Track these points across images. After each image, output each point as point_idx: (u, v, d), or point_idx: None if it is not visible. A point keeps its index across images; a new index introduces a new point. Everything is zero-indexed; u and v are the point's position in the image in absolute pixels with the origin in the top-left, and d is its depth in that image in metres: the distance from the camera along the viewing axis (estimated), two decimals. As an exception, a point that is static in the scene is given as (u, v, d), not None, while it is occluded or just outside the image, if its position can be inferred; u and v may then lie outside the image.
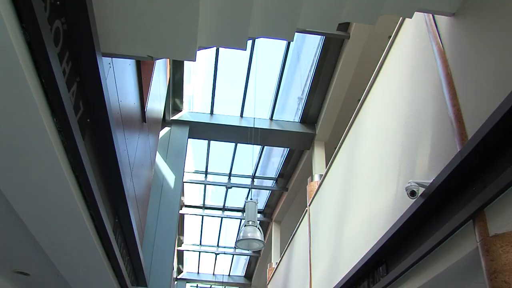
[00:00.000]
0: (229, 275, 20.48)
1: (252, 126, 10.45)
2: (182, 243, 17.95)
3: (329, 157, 8.70)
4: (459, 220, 3.94)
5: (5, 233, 4.87)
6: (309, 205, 9.76)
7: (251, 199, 8.00)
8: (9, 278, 6.40)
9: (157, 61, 7.35)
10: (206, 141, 12.25)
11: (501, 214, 3.56)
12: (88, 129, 3.98)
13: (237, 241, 7.91)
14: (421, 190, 4.42)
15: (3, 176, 3.58)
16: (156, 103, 8.15)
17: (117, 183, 4.98)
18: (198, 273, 20.62)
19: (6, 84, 2.73)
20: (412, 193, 4.40)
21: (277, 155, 13.43)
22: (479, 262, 3.73)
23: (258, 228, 7.77)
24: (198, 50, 4.15)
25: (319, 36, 9.17)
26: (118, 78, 4.79)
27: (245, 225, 7.77)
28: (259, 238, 7.74)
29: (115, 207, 5.45)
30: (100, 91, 3.79)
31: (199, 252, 18.86)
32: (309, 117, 10.95)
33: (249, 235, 7.67)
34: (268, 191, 14.57)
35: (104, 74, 3.83)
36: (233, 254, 18.77)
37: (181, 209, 14.73)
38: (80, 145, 3.50)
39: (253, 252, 17.81)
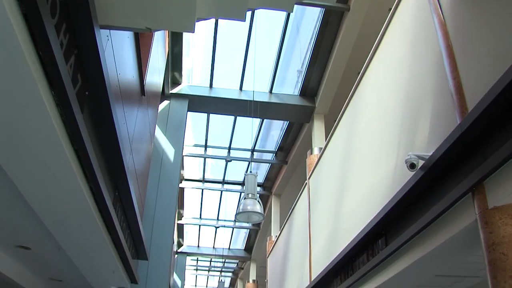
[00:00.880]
0: (229, 248, 20.61)
1: (252, 99, 10.41)
2: (182, 216, 18.03)
3: (329, 130, 8.68)
4: (458, 192, 3.95)
5: (5, 208, 4.88)
6: (309, 178, 9.78)
7: (250, 172, 8.01)
8: (10, 252, 6.44)
9: (155, 34, 7.29)
10: (206, 114, 12.23)
11: (500, 187, 3.56)
12: (86, 103, 3.96)
13: (236, 214, 7.94)
14: (421, 162, 4.41)
15: (2, 150, 3.57)
16: (155, 76, 8.11)
17: (116, 157, 4.98)
18: (198, 246, 20.74)
19: (2, 57, 2.70)
20: (412, 166, 4.39)
21: (276, 128, 13.42)
22: (478, 234, 3.74)
23: (258, 201, 7.79)
24: (197, 21, 4.11)
25: (319, 9, 9.09)
26: (117, 51, 4.76)
27: (244, 198, 7.78)
28: (259, 211, 7.76)
29: (115, 181, 5.45)
30: (98, 63, 3.76)
31: (199, 225, 18.95)
32: (308, 90, 10.91)
33: (249, 207, 7.69)
34: (267, 164, 14.59)
35: (102, 46, 3.79)
36: (233, 228, 18.86)
37: (181, 182, 14.76)
38: (78, 118, 3.48)
39: (253, 225, 17.90)
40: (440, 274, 7.11)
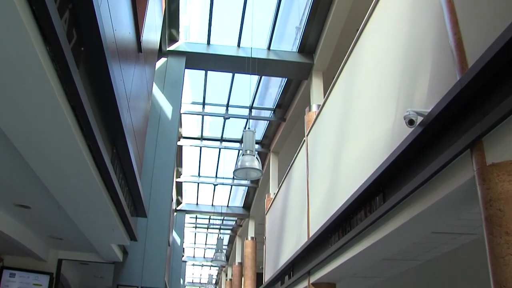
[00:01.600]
0: (227, 206, 20.73)
1: (250, 56, 10.31)
2: (181, 174, 18.08)
3: (327, 87, 8.63)
4: (456, 149, 3.94)
5: (4, 167, 4.88)
6: (307, 135, 9.77)
7: (248, 128, 7.98)
8: (10, 212, 6.48)
9: (152, -11, 7.17)
10: (203, 71, 12.13)
11: (499, 144, 3.56)
12: (82, 59, 3.91)
13: (235, 170, 7.95)
14: (420, 119, 4.40)
15: (-2, 108, 3.55)
16: (152, 33, 8.01)
17: (114, 114, 4.94)
18: (197, 204, 20.86)
19: (-5, 11, 2.65)
20: (411, 122, 4.38)
21: (274, 86, 13.34)
22: (475, 191, 3.76)
23: (256, 157, 7.79)
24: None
25: (318, -37, 8.93)
26: (112, 7, 4.67)
27: (242, 155, 7.78)
28: (257, 167, 7.77)
29: (113, 138, 5.44)
30: (94, 18, 3.69)
31: (198, 183, 19.02)
32: (307, 46, 10.80)
33: (247, 164, 7.69)
34: (265, 122, 14.56)
35: (98, 1, 3.72)
36: (232, 185, 18.95)
37: (179, 140, 14.75)
38: (74, 74, 3.44)
39: (251, 182, 17.97)
40: (436, 231, 7.18)
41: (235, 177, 8.15)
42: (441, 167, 4.20)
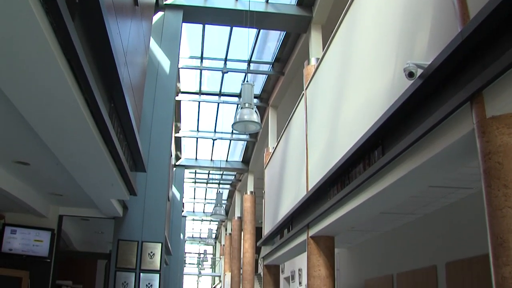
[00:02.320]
0: (226, 160, 20.78)
1: (248, 8, 10.16)
2: (180, 129, 18.06)
3: (326, 40, 8.54)
4: (456, 102, 3.93)
5: (2, 124, 4.86)
6: (306, 89, 9.72)
7: (247, 81, 7.92)
8: (10, 169, 6.48)
9: None
10: (201, 25, 11.97)
11: (499, 97, 3.54)
12: (77, 11, 3.83)
13: (234, 123, 7.94)
14: (420, 71, 4.36)
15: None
16: (148, -15, 7.87)
17: (111, 68, 4.88)
18: (196, 159, 20.91)
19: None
20: (410, 74, 4.34)
21: (273, 40, 13.19)
22: (474, 144, 3.76)
23: (255, 110, 7.77)
24: None
25: None
26: (107, -42, 4.57)
27: (241, 108, 7.75)
28: (256, 120, 7.75)
29: (110, 93, 5.39)
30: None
31: (197, 138, 19.02)
32: (306, -1, 10.65)
33: (246, 117, 7.66)
34: (264, 76, 14.47)
35: (91, -49, 3.63)
36: (230, 140, 18.95)
37: (177, 95, 14.68)
38: (70, 26, 3.38)
39: (250, 137, 17.98)
40: (434, 185, 7.21)
41: (234, 130, 8.14)
42: (440, 120, 4.18)
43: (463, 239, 8.33)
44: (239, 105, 14.23)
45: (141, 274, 8.53)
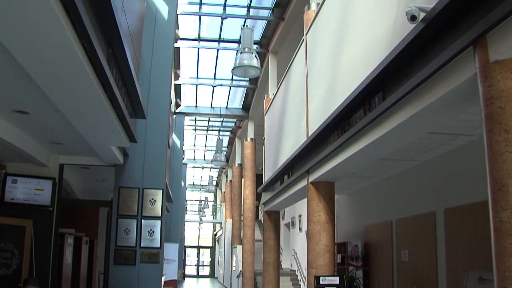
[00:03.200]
0: (226, 107, 20.72)
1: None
2: (179, 76, 17.93)
3: (327, -15, 8.37)
4: (459, 46, 3.88)
5: (0, 73, 4.81)
6: (306, 34, 9.59)
7: (246, 25, 7.83)
8: (9, 118, 6.46)
9: None
10: (199, -31, 11.75)
11: (503, 41, 3.51)
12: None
13: (233, 68, 7.89)
14: (422, 15, 4.29)
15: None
16: None
17: (108, 13, 4.79)
18: (196, 106, 20.85)
19: None
20: (413, 18, 4.27)
21: (273, -16, 12.96)
22: (477, 88, 3.73)
23: (255, 55, 7.70)
24: None
25: None
26: None
27: (241, 52, 7.68)
28: (255, 65, 7.70)
29: (108, 39, 5.31)
30: None
31: (196, 85, 18.92)
32: None
33: (245, 62, 7.61)
34: (264, 21, 14.26)
35: None
36: (230, 86, 18.85)
37: (176, 42, 14.51)
38: (64, -30, 3.30)
39: (250, 83, 17.89)
40: (434, 131, 7.21)
41: (233, 75, 8.09)
42: (442, 64, 4.14)
43: (462, 186, 8.39)
44: (238, 51, 14.10)
45: (142, 220, 8.63)
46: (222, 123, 24.24)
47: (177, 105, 20.03)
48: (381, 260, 11.66)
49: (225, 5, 13.13)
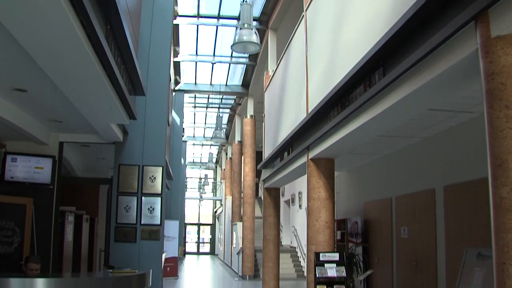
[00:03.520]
0: (226, 84, 20.67)
1: None
2: (178, 54, 17.85)
3: (327, -40, 8.29)
4: (461, 21, 3.85)
5: (-1, 52, 4.78)
6: (306, 10, 9.53)
7: (245, 1, 7.77)
8: (8, 96, 6.44)
9: None
10: None
11: (504, 16, 3.49)
12: None
13: (233, 44, 7.86)
14: (423, -11, 4.25)
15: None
16: None
17: (105, -11, 4.75)
18: (195, 83, 20.79)
19: None
20: (414, -7, 4.24)
21: (272, -41, 12.83)
22: (478, 64, 3.72)
23: (254, 31, 7.66)
24: None
25: None
26: None
27: (240, 28, 7.64)
28: (255, 41, 7.66)
29: (106, 15, 5.26)
30: None
31: (196, 62, 18.85)
32: None
33: (245, 38, 7.58)
34: (263, -3, 14.18)
35: None
36: (230, 63, 18.78)
37: (175, 19, 14.40)
38: None
39: (250, 60, 17.82)
40: (434, 108, 7.19)
41: (233, 51, 8.07)
42: (444, 40, 4.12)
43: (462, 163, 8.40)
44: (238, 27, 14.02)
45: (142, 198, 8.65)
46: (221, 100, 24.18)
47: (177, 83, 19.97)
48: (381, 236, 11.72)
49: (224, -19, 13.03)
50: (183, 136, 24.41)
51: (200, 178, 42.33)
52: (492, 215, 3.45)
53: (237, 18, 14.93)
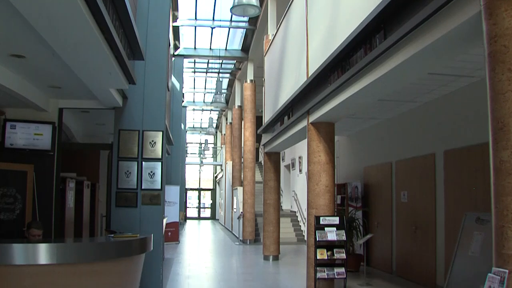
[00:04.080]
0: (225, 49, 20.52)
1: None
2: (177, 18, 17.68)
3: None
4: (464, -18, 3.80)
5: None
6: (306, -27, 9.41)
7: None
8: (6, 63, 6.39)
9: None
10: None
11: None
12: None
13: (232, 7, 7.79)
14: (426, -50, 4.18)
15: None
16: None
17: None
18: (195, 48, 20.64)
19: None
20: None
21: None
22: (480, 27, 3.68)
23: (254, -6, 7.62)
24: None
25: None
26: None
27: (240, -10, 7.60)
28: (254, 3, 7.59)
29: (103, -22, 5.19)
30: None
31: (195, 26, 18.68)
32: None
33: (244, 0, 7.51)
34: (263, -40, 13.98)
35: None
36: (229, 28, 18.61)
37: (174, -18, 14.26)
38: None
39: (249, 24, 17.65)
40: (436, 72, 7.15)
41: (232, 14, 8.01)
42: (446, 2, 4.08)
43: (462, 128, 8.40)
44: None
45: (143, 162, 8.65)
46: (221, 65, 24.05)
47: (176, 48, 19.82)
48: (381, 201, 11.78)
49: None
50: (183, 101, 24.33)
51: (201, 144, 42.35)
52: (492, 178, 3.45)
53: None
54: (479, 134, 7.56)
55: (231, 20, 17.74)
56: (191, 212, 42.10)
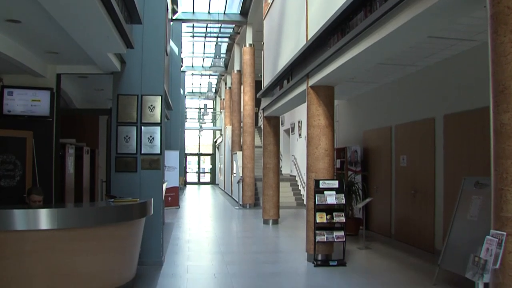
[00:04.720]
0: (224, 13, 20.33)
1: None
2: (175, -19, 17.52)
3: None
4: None
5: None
6: None
7: None
8: (1, 28, 6.32)
9: None
10: None
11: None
12: None
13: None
14: None
15: None
16: None
17: None
18: (193, 12, 20.45)
19: None
20: None
21: None
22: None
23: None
24: None
25: None
26: None
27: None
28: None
29: None
30: None
31: (193, -11, 18.52)
32: None
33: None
34: None
35: None
36: (228, -9, 18.45)
37: None
38: None
39: (248, -13, 17.47)
40: (436, 35, 7.09)
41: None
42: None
43: (462, 93, 8.37)
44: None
45: (142, 127, 8.63)
46: (220, 29, 23.85)
47: (174, 12, 19.61)
48: (380, 165, 11.81)
49: None
50: (181, 66, 24.20)
51: (200, 108, 42.29)
52: (492, 141, 3.44)
53: None
54: (479, 99, 7.53)
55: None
56: (191, 177, 42.26)
